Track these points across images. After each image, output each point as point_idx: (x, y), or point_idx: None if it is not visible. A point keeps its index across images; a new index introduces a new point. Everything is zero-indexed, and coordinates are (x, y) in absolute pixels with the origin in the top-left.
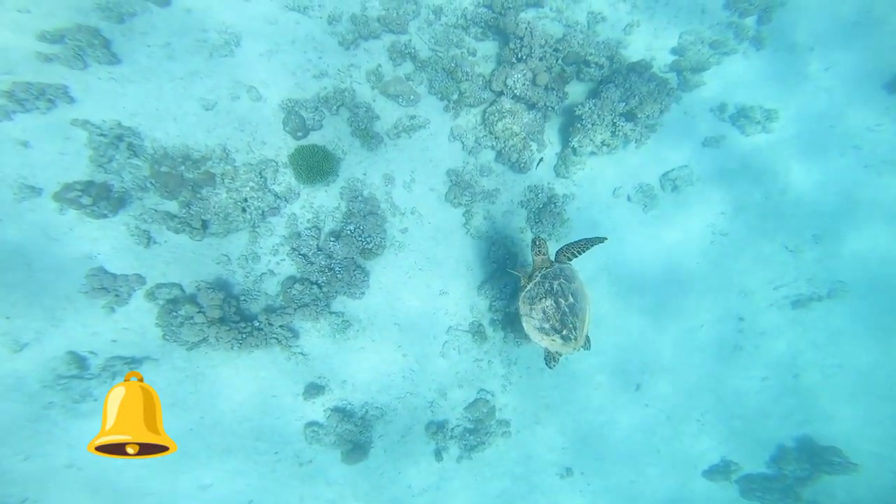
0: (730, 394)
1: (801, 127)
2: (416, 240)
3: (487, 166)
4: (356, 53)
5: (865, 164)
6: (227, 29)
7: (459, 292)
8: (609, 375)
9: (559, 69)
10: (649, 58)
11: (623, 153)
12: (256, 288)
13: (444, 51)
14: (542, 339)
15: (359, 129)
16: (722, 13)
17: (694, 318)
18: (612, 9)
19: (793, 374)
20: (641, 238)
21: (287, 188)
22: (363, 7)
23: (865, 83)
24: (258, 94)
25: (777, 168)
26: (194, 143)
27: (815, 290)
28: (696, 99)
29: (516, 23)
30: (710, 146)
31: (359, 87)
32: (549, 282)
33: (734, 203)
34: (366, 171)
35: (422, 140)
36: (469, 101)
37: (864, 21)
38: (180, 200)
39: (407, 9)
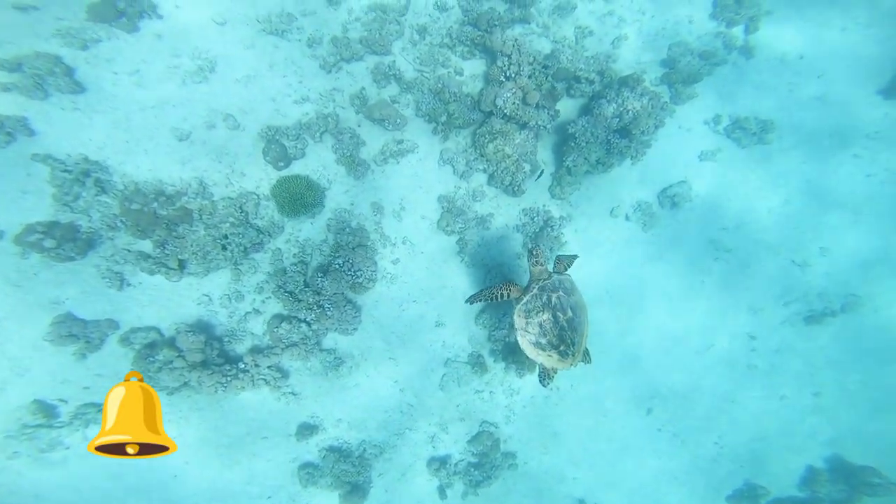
0: (747, 415)
1: (799, 137)
2: (409, 271)
3: (480, 190)
4: (338, 77)
5: (867, 173)
6: (200, 54)
7: (456, 323)
8: (617, 401)
9: (549, 86)
10: (640, 71)
11: (619, 170)
12: (241, 328)
13: (430, 71)
14: (538, 355)
15: (344, 156)
16: (709, 24)
17: (703, 339)
18: (599, 23)
19: (812, 392)
20: (642, 258)
21: (270, 222)
22: (344, 29)
23: (860, 90)
24: (236, 123)
25: (777, 180)
26: (168, 176)
27: (828, 305)
28: (691, 111)
29: (503, 40)
30: (707, 160)
31: (342, 112)
32: (548, 294)
33: (735, 218)
34: (353, 201)
35: (410, 165)
36: (458, 122)
37: (852, 27)
38: (154, 239)
39: (390, 29)
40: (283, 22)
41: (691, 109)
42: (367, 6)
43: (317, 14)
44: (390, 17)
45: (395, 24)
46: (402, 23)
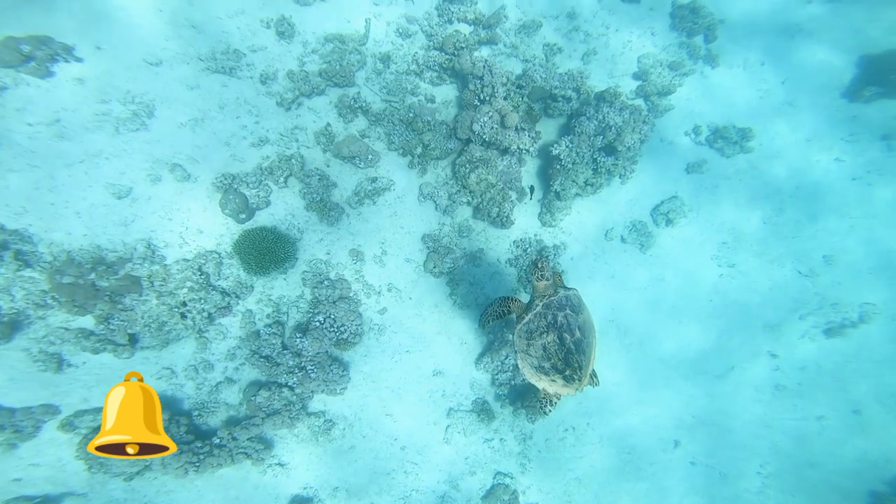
0: (787, 440)
1: (779, 144)
2: (398, 319)
3: (466, 225)
4: (299, 113)
5: (853, 176)
6: (134, 98)
7: (455, 370)
8: (641, 436)
9: (526, 107)
10: (614, 85)
11: (609, 191)
12: (213, 400)
13: (399, 100)
14: (540, 380)
15: (314, 201)
16: (671, 34)
17: (722, 362)
18: (566, 39)
19: (851, 409)
20: (645, 281)
21: (236, 282)
22: (300, 62)
23: (824, 93)
24: (185, 173)
25: (767, 189)
26: (108, 241)
27: (846, 316)
28: (670, 124)
29: (472, 62)
30: (695, 172)
31: (308, 152)
32: (553, 313)
33: (733, 231)
34: (329, 250)
35: (388, 205)
36: (435, 153)
37: (800, 32)
38: (97, 315)
39: (351, 59)
40: (230, 59)
41: (670, 121)
42: (323, 37)
43: (268, 49)
44: (350, 47)
45: (356, 53)
46: (363, 52)
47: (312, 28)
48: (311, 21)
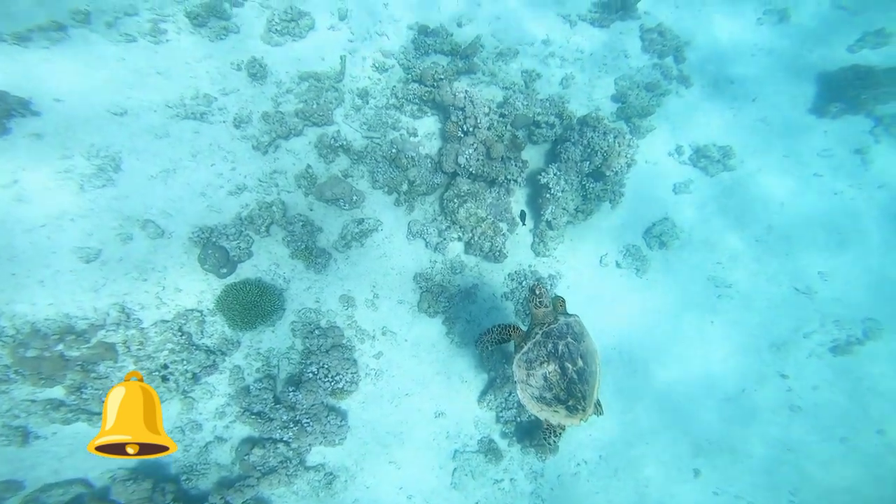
0: (814, 464)
1: (760, 161)
2: (395, 363)
3: (458, 261)
4: (277, 157)
5: (834, 191)
6: (98, 152)
7: (458, 410)
8: (658, 466)
9: (510, 136)
10: (594, 108)
11: (599, 216)
12: (202, 461)
13: (381, 136)
14: (542, 411)
15: (299, 249)
16: (643, 56)
17: (731, 384)
18: (543, 65)
19: (875, 429)
20: (644, 307)
21: (221, 339)
22: (275, 103)
23: (793, 111)
24: (159, 229)
25: (754, 206)
26: (77, 309)
27: (850, 333)
28: (653, 145)
29: (453, 93)
30: (683, 192)
31: (289, 197)
32: (554, 342)
33: (727, 251)
34: (318, 297)
35: (377, 246)
36: (421, 189)
37: (762, 52)
38: (67, 385)
39: (328, 97)
40: (201, 103)
41: (653, 143)
42: (297, 76)
43: (240, 91)
44: (326, 85)
45: (333, 90)
46: (340, 89)
47: (286, 67)
48: (284, 60)
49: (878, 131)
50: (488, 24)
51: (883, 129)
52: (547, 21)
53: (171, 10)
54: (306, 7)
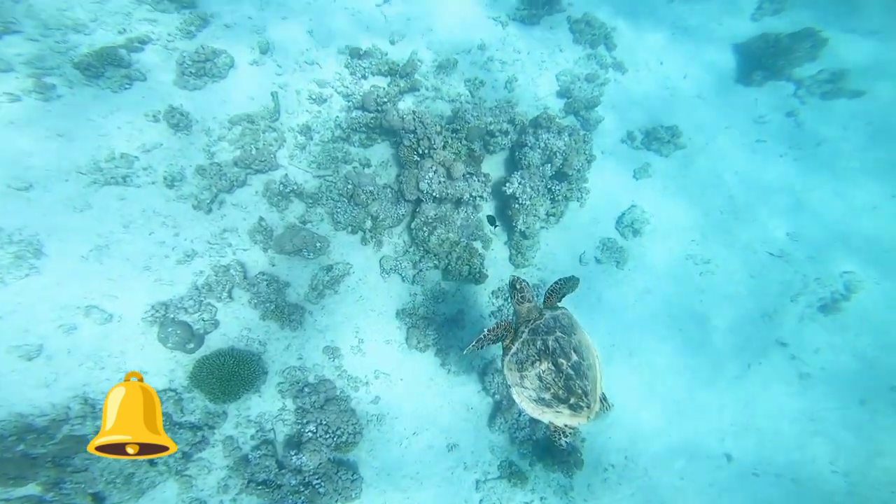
0: (842, 430)
1: (706, 135)
2: (395, 404)
3: (438, 289)
4: (224, 213)
5: (779, 153)
6: (11, 237)
7: (470, 438)
8: (686, 459)
9: (467, 150)
10: (543, 108)
11: (570, 216)
12: None
13: (333, 173)
14: (543, 413)
15: (268, 310)
16: (576, 48)
17: (736, 361)
18: (484, 71)
19: (888, 386)
20: (632, 297)
21: (205, 413)
22: (208, 153)
23: (722, 84)
24: (105, 314)
25: (711, 179)
26: (31, 407)
27: (834, 289)
28: (604, 135)
29: (401, 116)
30: (643, 177)
31: (247, 255)
32: (542, 338)
33: (697, 227)
34: (300, 354)
35: (352, 290)
36: (386, 223)
37: (679, 30)
38: (42, 482)
39: (267, 139)
40: (120, 165)
41: (604, 133)
42: (226, 121)
43: (164, 146)
44: (262, 126)
45: (271, 131)
46: (278, 128)
47: (211, 112)
48: (207, 105)
49: (801, 93)
50: (421, 37)
51: (805, 90)
52: (479, 26)
53: (53, 61)
54: (219, 44)
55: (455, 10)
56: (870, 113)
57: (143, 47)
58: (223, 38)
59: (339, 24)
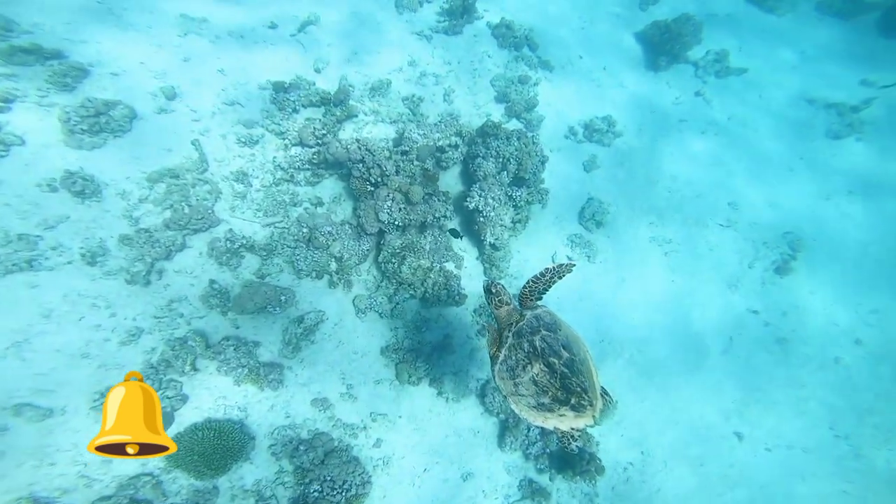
0: (831, 392)
1: (638, 121)
2: (399, 443)
3: (420, 319)
4: (167, 283)
5: (701, 130)
6: None
7: (483, 463)
8: (699, 444)
9: (420, 171)
10: (486, 115)
11: (535, 220)
12: None
13: (284, 218)
14: (546, 419)
15: (242, 375)
16: (503, 52)
17: (718, 336)
18: (419, 87)
19: (853, 339)
20: (609, 290)
21: (192, 492)
22: (130, 219)
23: (635, 71)
24: (41, 410)
25: (653, 162)
26: None
27: (781, 251)
28: (549, 134)
29: (345, 147)
30: (592, 169)
31: (204, 323)
32: (528, 339)
33: (652, 210)
34: (287, 412)
35: (329, 337)
36: (352, 262)
37: (587, 22)
38: None
39: (199, 193)
40: (22, 249)
41: (548, 131)
42: (144, 180)
43: (71, 218)
44: (189, 180)
45: (202, 183)
46: (209, 179)
47: (123, 172)
48: (115, 165)
49: (701, 73)
50: (347, 63)
51: (702, 71)
52: (404, 42)
53: None
54: (110, 94)
55: (376, 31)
56: (759, 86)
57: (9, 106)
58: (113, 88)
59: (252, 58)
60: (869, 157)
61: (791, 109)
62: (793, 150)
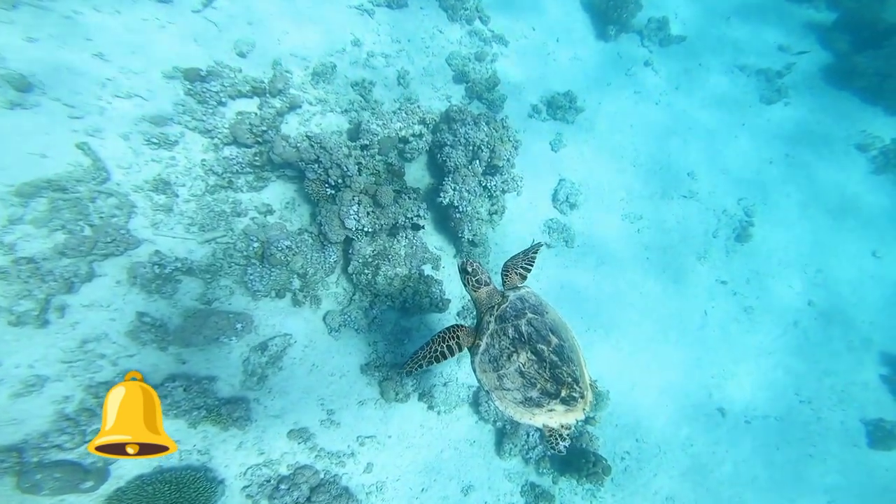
0: (794, 358)
1: (596, 95)
2: (392, 465)
3: (400, 329)
4: (75, 321)
5: (655, 101)
6: None
7: (483, 474)
8: (687, 424)
9: (384, 166)
10: (445, 97)
11: (511, 209)
12: None
13: (226, 231)
14: (534, 416)
15: (200, 417)
16: (454, 26)
17: (693, 311)
18: (369, 70)
19: (807, 301)
20: (589, 274)
21: None
22: (4, 248)
23: (586, 42)
24: None
25: (616, 136)
26: None
27: (739, 218)
28: (512, 112)
29: (294, 146)
30: (559, 147)
31: (137, 362)
32: (513, 324)
33: (621, 186)
34: (260, 449)
35: (300, 361)
36: (318, 276)
37: None
38: None
39: (102, 209)
40: None
41: (511, 111)
42: (12, 194)
43: None
44: (85, 193)
45: (105, 196)
46: (114, 190)
47: None
48: None
49: (647, 43)
50: (279, 44)
51: (647, 40)
52: (343, 20)
53: None
54: None
55: (309, 6)
56: (697, 54)
57: None
58: None
59: (143, 41)
60: (797, 120)
61: (729, 76)
62: (734, 117)
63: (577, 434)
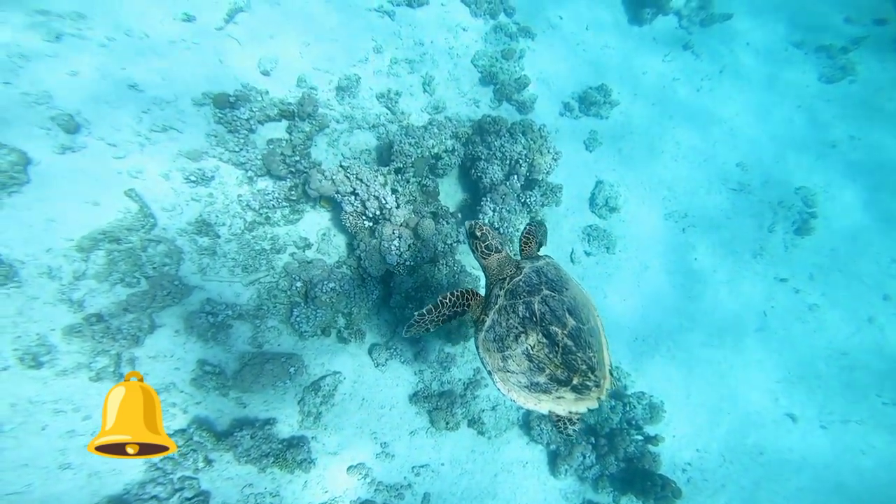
0: (873, 357)
1: (630, 86)
2: (447, 492)
3: (444, 357)
4: (144, 372)
5: (696, 88)
6: None
7: (539, 496)
8: (754, 432)
9: (418, 187)
10: (470, 101)
11: (548, 218)
12: None
13: (268, 271)
14: (539, 402)
15: (269, 463)
16: (478, 22)
17: (750, 312)
18: (393, 78)
19: (881, 295)
20: (633, 280)
21: None
22: (72, 304)
23: (619, 28)
24: None
25: (654, 129)
26: None
27: (799, 209)
28: (543, 113)
29: (330, 179)
30: (594, 147)
31: (201, 409)
32: (524, 301)
33: (662, 183)
34: (325, 487)
35: (351, 396)
36: (362, 314)
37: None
38: None
39: (154, 258)
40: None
41: (542, 111)
42: (74, 249)
43: None
44: (137, 242)
45: (155, 244)
46: (163, 236)
47: (39, 243)
48: (24, 234)
49: (685, 24)
50: (301, 58)
51: (687, 21)
52: (363, 24)
53: None
54: None
55: (327, 12)
56: (744, 33)
57: None
58: None
59: (171, 65)
60: (863, 98)
61: (782, 54)
62: (788, 100)
63: (638, 454)
